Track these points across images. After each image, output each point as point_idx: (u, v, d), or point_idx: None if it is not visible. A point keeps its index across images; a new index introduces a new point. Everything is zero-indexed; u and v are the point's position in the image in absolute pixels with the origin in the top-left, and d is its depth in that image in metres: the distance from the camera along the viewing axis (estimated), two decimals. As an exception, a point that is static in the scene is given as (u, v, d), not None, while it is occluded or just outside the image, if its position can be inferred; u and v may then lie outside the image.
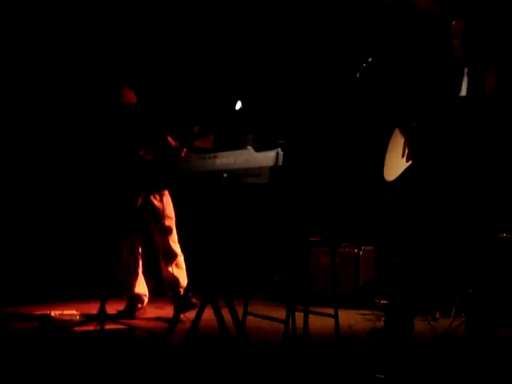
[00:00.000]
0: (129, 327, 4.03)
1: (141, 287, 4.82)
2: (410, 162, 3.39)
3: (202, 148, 4.00)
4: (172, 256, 4.72)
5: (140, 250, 4.81)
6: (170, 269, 4.69)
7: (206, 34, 6.37)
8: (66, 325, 4.18)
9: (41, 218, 6.02)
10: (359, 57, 3.45)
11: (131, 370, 3.05)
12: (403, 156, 3.50)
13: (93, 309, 4.43)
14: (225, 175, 3.14)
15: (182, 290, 4.68)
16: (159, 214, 4.69)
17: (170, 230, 4.71)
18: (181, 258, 4.75)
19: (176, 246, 4.75)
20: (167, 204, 4.73)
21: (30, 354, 3.34)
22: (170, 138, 4.62)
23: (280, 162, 2.95)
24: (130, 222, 4.71)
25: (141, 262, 4.82)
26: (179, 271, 4.72)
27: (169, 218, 4.72)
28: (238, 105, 3.70)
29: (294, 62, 6.19)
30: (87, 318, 4.19)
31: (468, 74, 3.49)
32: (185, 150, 4.39)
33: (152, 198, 4.69)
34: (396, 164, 3.56)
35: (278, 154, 2.96)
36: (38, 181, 6.02)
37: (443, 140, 3.30)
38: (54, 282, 5.67)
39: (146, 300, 4.86)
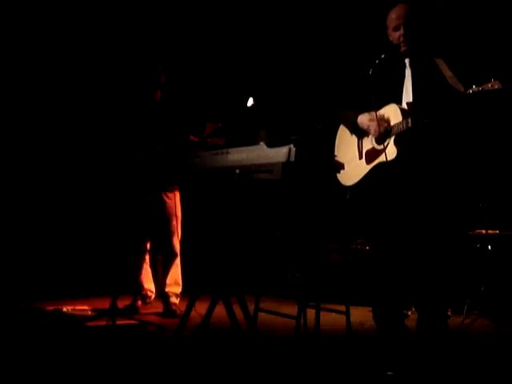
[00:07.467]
0: (140, 322, 4.05)
1: (147, 283, 4.83)
2: (374, 164, 3.35)
3: (214, 144, 4.00)
4: (172, 256, 4.74)
5: (148, 246, 4.82)
6: (172, 270, 4.73)
7: (218, 29, 6.37)
8: (77, 320, 4.21)
9: (54, 216, 6.04)
10: (372, 53, 3.42)
11: (143, 364, 3.06)
12: (361, 158, 3.45)
13: (104, 305, 4.45)
14: (237, 171, 3.13)
15: (171, 296, 4.70)
16: (169, 213, 4.70)
17: (175, 230, 4.72)
18: (178, 260, 4.77)
19: (177, 247, 4.76)
20: (178, 203, 4.75)
21: (43, 348, 3.36)
22: (192, 137, 4.62)
23: (292, 158, 2.94)
24: (139, 218, 4.72)
25: (148, 258, 4.84)
26: (175, 273, 4.75)
27: (177, 217, 4.73)
28: (250, 101, 3.70)
29: (306, 58, 6.17)
30: (99, 313, 4.21)
31: (411, 65, 3.42)
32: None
33: (164, 195, 4.69)
34: (354, 167, 3.51)
35: (290, 149, 2.95)
36: (51, 179, 6.04)
37: (454, 137, 3.27)
38: (66, 279, 5.69)
39: (153, 296, 4.87)
